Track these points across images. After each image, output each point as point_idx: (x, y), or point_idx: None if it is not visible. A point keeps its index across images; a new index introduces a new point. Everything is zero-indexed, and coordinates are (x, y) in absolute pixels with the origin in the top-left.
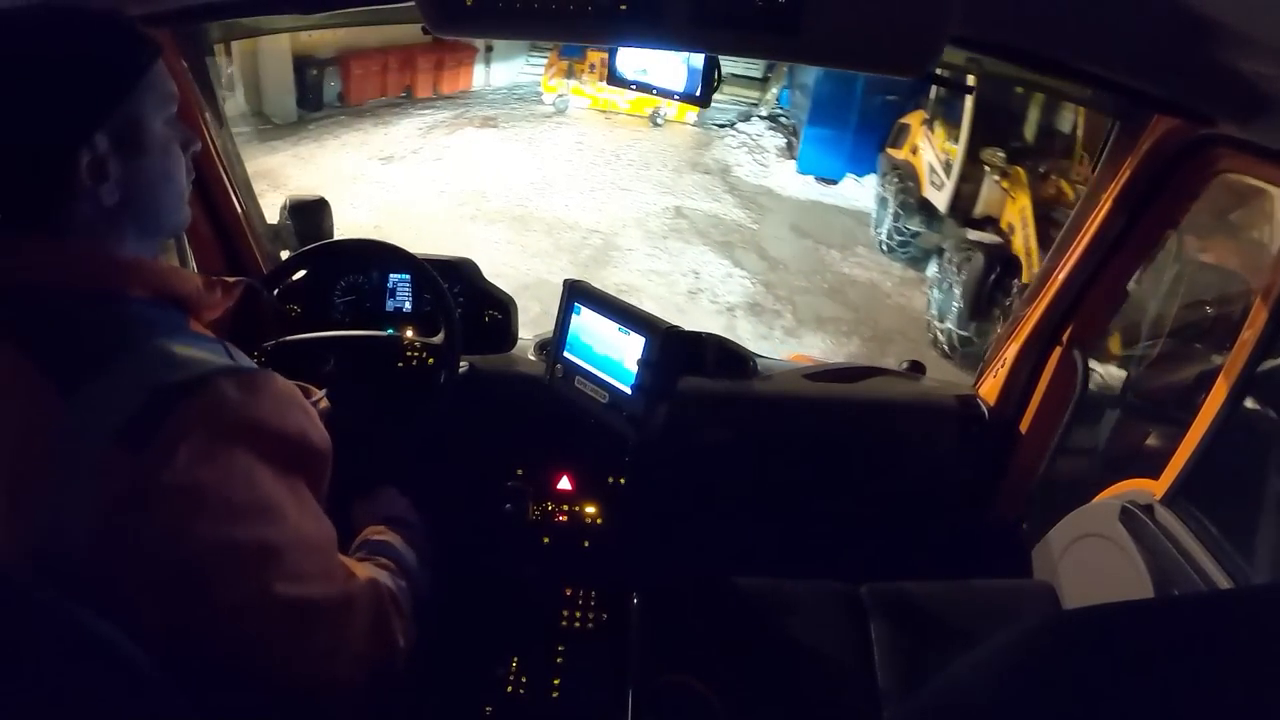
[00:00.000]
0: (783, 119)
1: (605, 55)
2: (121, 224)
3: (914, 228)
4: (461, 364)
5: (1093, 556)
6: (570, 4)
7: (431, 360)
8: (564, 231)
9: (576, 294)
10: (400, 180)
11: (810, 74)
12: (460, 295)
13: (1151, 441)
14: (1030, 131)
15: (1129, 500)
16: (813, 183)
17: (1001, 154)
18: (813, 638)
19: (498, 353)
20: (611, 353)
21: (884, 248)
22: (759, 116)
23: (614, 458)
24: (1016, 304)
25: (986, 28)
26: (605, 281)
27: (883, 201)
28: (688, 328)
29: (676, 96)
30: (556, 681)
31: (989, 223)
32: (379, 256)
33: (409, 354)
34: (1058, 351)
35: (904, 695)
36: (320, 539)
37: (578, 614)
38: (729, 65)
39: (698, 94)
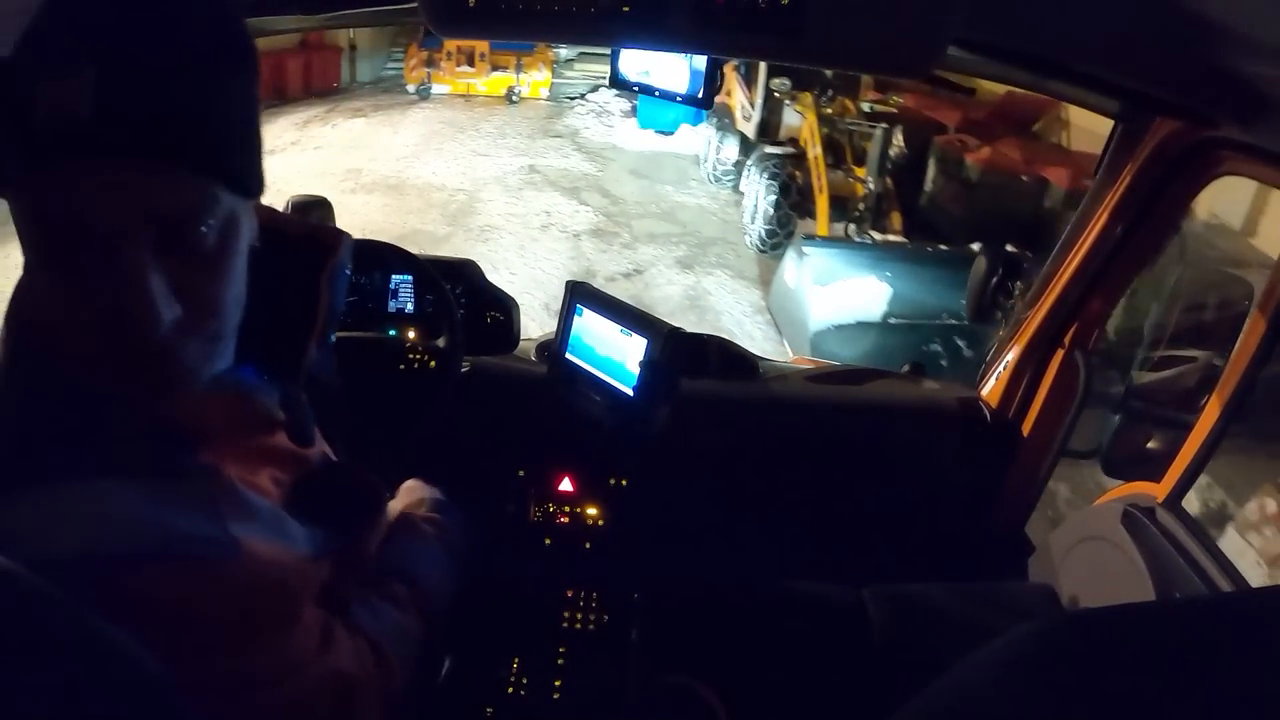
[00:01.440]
0: None
1: (463, 43)
2: None
3: (733, 160)
4: (463, 365)
5: (1095, 559)
6: (573, 5)
7: (434, 363)
8: (433, 193)
9: (578, 296)
10: (283, 170)
11: None
12: (462, 296)
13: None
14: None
15: (1131, 503)
16: (652, 136)
17: (788, 82)
18: (814, 640)
19: (499, 354)
20: (613, 354)
21: (711, 178)
22: (606, 87)
23: (616, 459)
24: (1019, 306)
25: (989, 30)
26: (470, 225)
27: (708, 140)
28: (688, 329)
29: (679, 98)
30: (558, 682)
31: (791, 143)
32: (381, 257)
33: (411, 356)
34: (1060, 354)
35: (905, 697)
36: (267, 654)
37: (579, 615)
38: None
39: (700, 95)
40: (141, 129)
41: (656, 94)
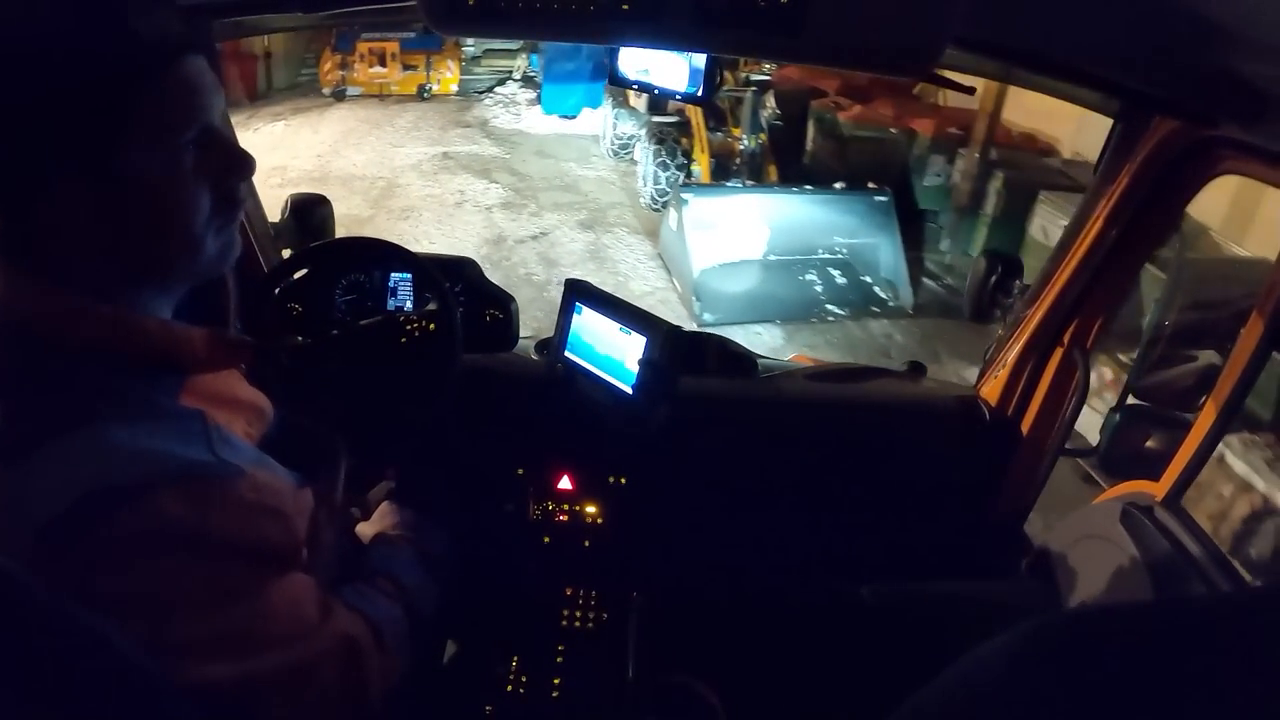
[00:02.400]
0: (534, 78)
1: (374, 44)
2: (106, 271)
3: (629, 134)
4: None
5: (1093, 557)
6: (572, 3)
7: (433, 326)
8: (355, 181)
9: (577, 294)
10: None
11: None
12: (461, 295)
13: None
14: None
15: (1129, 501)
16: (556, 120)
17: None
18: (813, 638)
19: (499, 352)
20: (612, 352)
21: (610, 154)
22: (513, 80)
23: (615, 457)
24: (1017, 305)
25: (988, 29)
26: (391, 207)
27: (605, 119)
28: (687, 328)
29: (679, 96)
30: (557, 681)
31: (678, 114)
32: (380, 255)
33: (409, 327)
34: (1059, 352)
35: (905, 695)
36: (278, 606)
37: (578, 613)
38: (486, 41)
39: (699, 94)
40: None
41: (656, 92)
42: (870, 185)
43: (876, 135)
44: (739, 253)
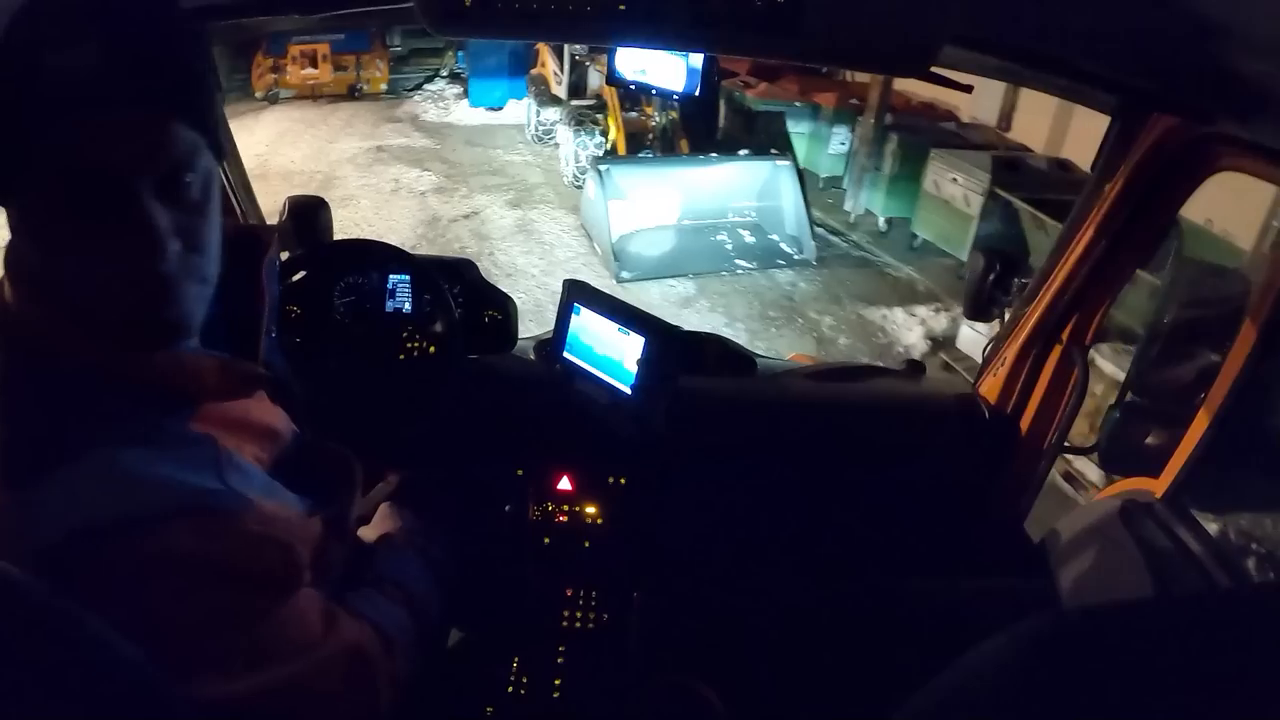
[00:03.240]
0: (461, 74)
1: (305, 47)
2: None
3: (551, 118)
4: (460, 364)
5: (1093, 556)
6: (569, 4)
7: (433, 349)
8: (294, 176)
9: (576, 294)
10: None
11: None
12: (459, 296)
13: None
14: None
15: (1129, 499)
16: (484, 112)
17: (586, 48)
18: (813, 638)
19: (497, 353)
20: (611, 353)
21: (535, 139)
22: (441, 76)
23: (614, 458)
24: (1016, 303)
25: (985, 27)
26: (331, 195)
27: (529, 108)
28: (686, 328)
29: (676, 96)
30: (557, 681)
31: (596, 98)
32: (378, 257)
33: (410, 345)
34: (1057, 350)
35: (904, 695)
36: (281, 625)
37: (578, 614)
38: (414, 40)
39: (697, 93)
40: (144, 83)
41: (654, 92)
42: (773, 151)
43: (782, 109)
44: (654, 218)
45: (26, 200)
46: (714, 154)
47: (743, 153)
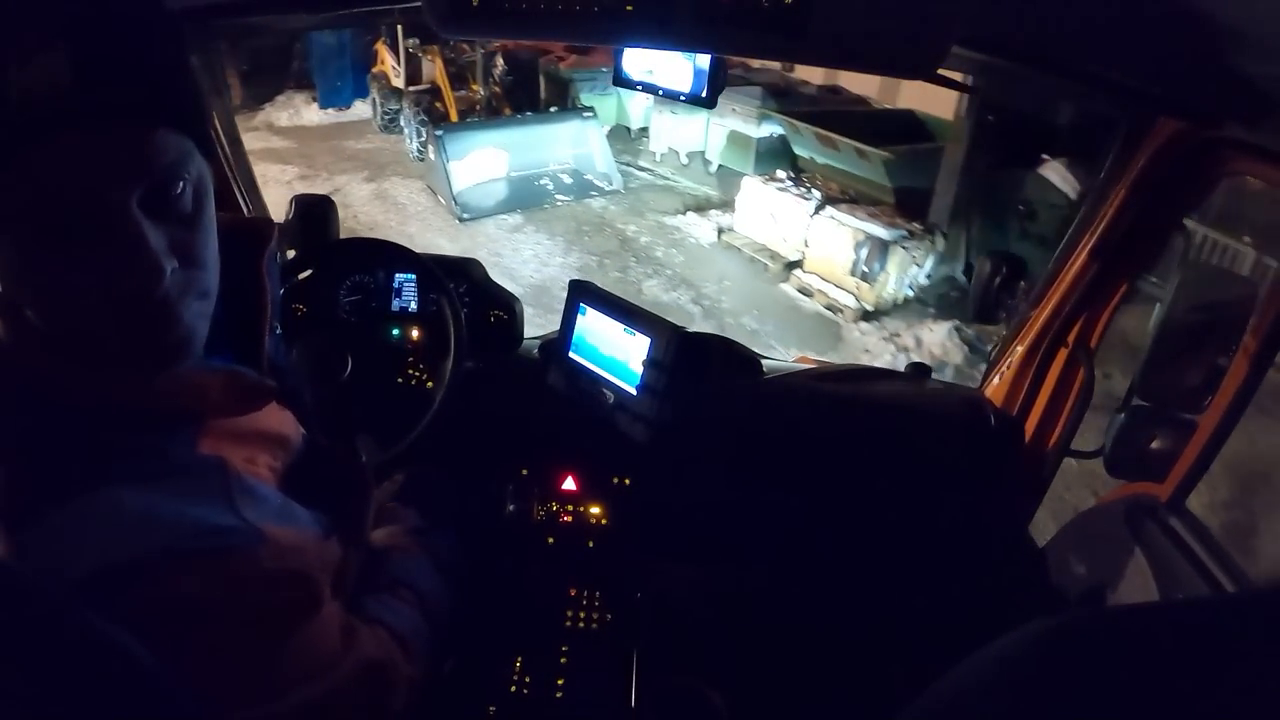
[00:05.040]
0: (309, 80)
1: None
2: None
3: (394, 108)
4: (466, 364)
5: (1098, 559)
6: (576, 4)
7: (430, 384)
8: None
9: (582, 295)
10: None
11: (312, 39)
12: (465, 295)
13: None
14: None
15: (1134, 503)
16: (333, 113)
17: (417, 40)
18: (817, 639)
19: (503, 353)
20: (617, 354)
21: (382, 129)
22: (289, 86)
23: (619, 458)
24: (1022, 306)
25: (993, 30)
26: None
27: (373, 102)
28: (692, 329)
29: (683, 98)
30: (560, 682)
31: (430, 84)
32: (385, 256)
33: (411, 373)
34: (1063, 353)
35: (908, 697)
36: (299, 649)
37: (582, 614)
38: (261, 57)
39: (704, 95)
40: (122, 91)
41: (660, 93)
42: (579, 105)
43: (593, 74)
44: (486, 171)
45: (5, 226)
46: (530, 114)
47: (553, 110)
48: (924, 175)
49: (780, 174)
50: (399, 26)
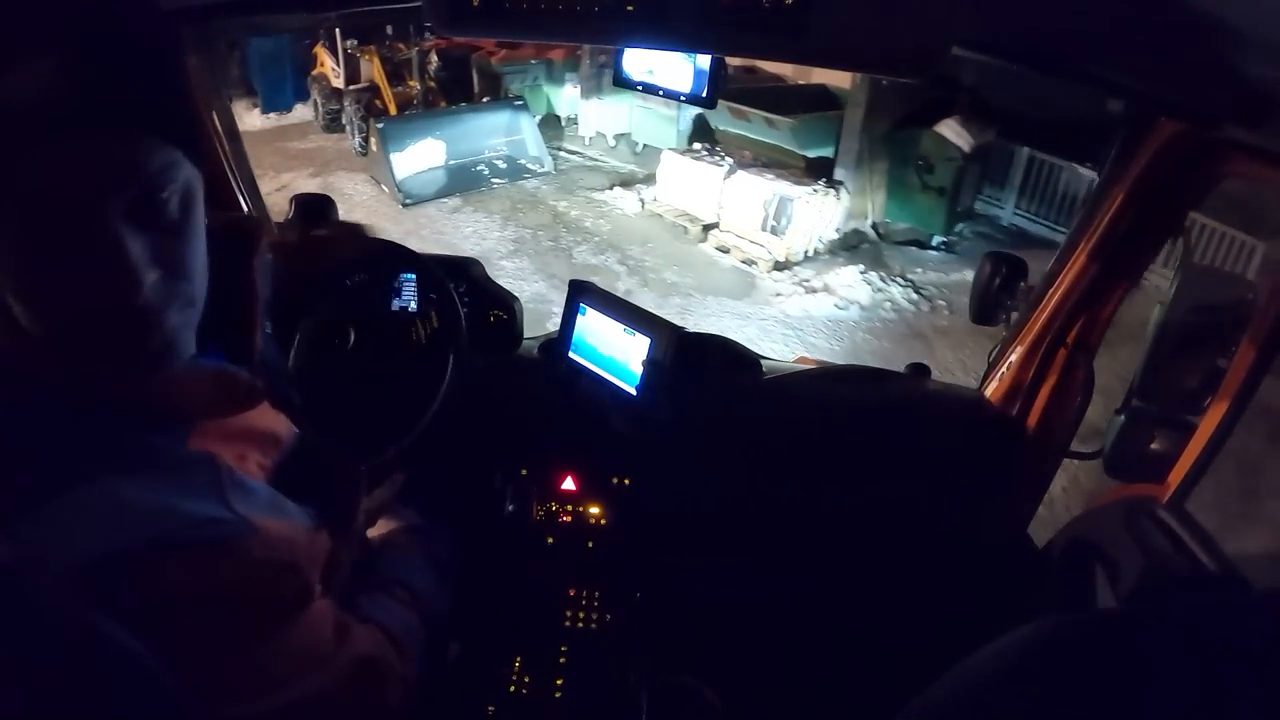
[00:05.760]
0: (247, 85)
1: None
2: None
3: (335, 107)
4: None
5: (1097, 560)
6: (576, 4)
7: (439, 349)
8: None
9: (582, 295)
10: None
11: (251, 45)
12: (465, 295)
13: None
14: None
15: (1133, 504)
16: (275, 116)
17: (355, 41)
18: (817, 639)
19: (503, 353)
20: (616, 354)
21: (325, 129)
22: (231, 93)
23: (618, 458)
24: (1022, 307)
25: (993, 29)
26: None
27: (315, 103)
28: (691, 330)
29: (683, 98)
30: (560, 681)
31: (369, 83)
32: (385, 255)
33: (415, 344)
34: (1063, 354)
35: (907, 697)
36: (292, 645)
37: (581, 614)
38: None
39: (704, 95)
40: (112, 98)
41: (661, 94)
42: (510, 96)
43: (523, 67)
44: (426, 160)
45: None
46: (465, 105)
47: (485, 100)
48: (832, 141)
49: (696, 145)
50: (336, 29)
